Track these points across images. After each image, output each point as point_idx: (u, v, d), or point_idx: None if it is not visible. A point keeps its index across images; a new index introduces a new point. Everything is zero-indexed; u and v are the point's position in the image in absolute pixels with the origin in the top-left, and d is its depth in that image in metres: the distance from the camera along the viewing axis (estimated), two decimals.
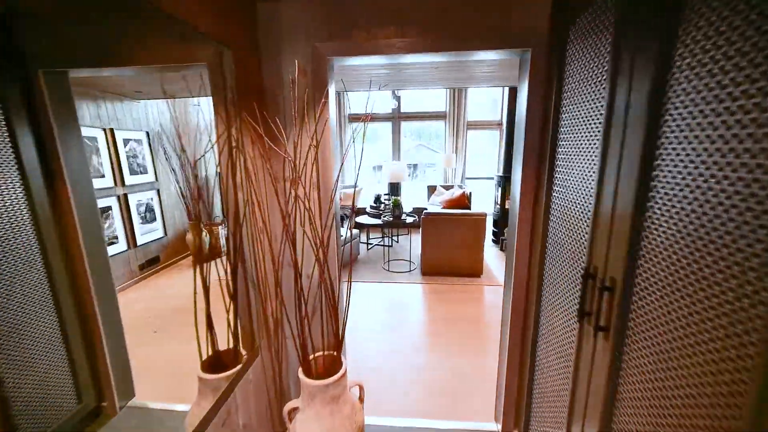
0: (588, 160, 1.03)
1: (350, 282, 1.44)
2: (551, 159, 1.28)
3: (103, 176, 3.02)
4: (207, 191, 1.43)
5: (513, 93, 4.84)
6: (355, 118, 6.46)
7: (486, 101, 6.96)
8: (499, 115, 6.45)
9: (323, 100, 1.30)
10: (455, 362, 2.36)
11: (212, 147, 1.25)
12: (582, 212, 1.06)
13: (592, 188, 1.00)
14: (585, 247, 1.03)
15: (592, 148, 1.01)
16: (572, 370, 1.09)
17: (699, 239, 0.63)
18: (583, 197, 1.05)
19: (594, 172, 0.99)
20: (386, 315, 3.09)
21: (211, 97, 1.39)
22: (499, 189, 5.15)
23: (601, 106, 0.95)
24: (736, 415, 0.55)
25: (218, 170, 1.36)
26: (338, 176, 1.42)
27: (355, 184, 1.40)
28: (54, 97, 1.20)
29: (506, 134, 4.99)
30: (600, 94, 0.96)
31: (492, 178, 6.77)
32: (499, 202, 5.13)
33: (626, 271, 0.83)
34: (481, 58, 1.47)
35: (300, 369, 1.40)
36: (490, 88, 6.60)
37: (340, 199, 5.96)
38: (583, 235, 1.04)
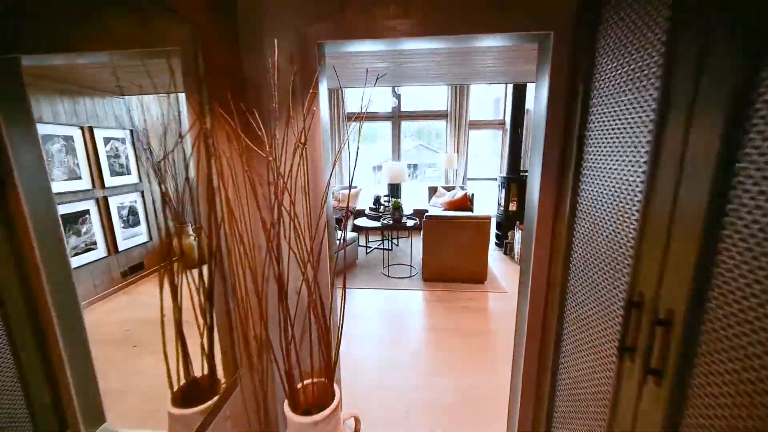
0: (630, 158, 0.84)
1: (344, 297, 1.25)
2: (577, 158, 1.10)
3: (79, 178, 2.76)
4: (190, 194, 1.26)
5: (518, 90, 4.66)
6: (356, 117, 6.28)
7: (486, 97, 6.79)
8: (502, 114, 6.27)
9: (311, 91, 1.12)
10: (461, 380, 2.17)
11: (178, 144, 1.07)
12: (621, 221, 0.88)
13: (636, 193, 0.82)
14: (626, 266, 0.85)
15: (635, 144, 0.82)
16: (608, 414, 0.90)
17: None
18: (623, 203, 0.87)
19: (640, 173, 0.80)
20: (385, 325, 2.91)
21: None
22: (503, 190, 4.97)
23: (650, 95, 0.77)
24: None
25: (186, 171, 1.18)
26: (329, 179, 1.24)
27: (350, 185, 1.22)
28: (3, 89, 1.02)
29: (510, 133, 4.81)
30: (648, 80, 0.78)
31: (494, 179, 6.59)
32: (502, 204, 4.95)
33: (692, 301, 0.65)
34: (492, 45, 1.29)
35: (285, 402, 1.22)
36: (491, 87, 6.42)
37: (338, 200, 5.78)
38: (624, 250, 0.86)
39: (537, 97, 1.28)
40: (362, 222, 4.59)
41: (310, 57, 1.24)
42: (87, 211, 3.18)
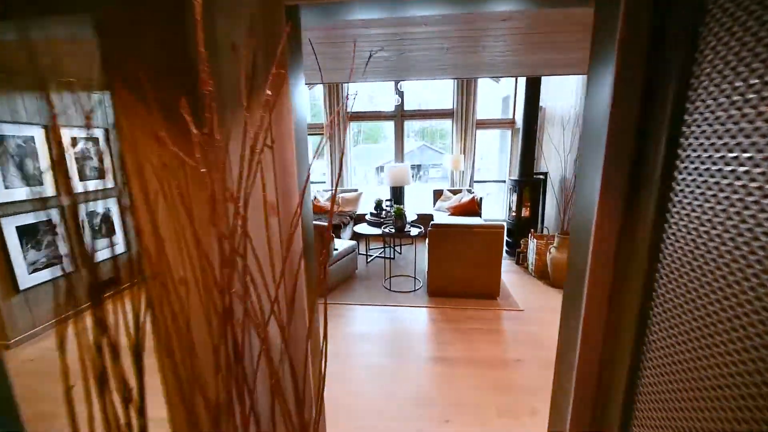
0: None
1: (325, 357, 0.90)
2: (665, 167, 0.74)
3: (40, 184, 2.33)
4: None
5: (532, 85, 4.29)
6: (356, 116, 5.93)
7: (493, 95, 6.45)
8: (511, 113, 5.90)
9: (274, 71, 0.77)
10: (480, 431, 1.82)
11: (70, 150, 0.72)
12: None
13: None
14: None
15: None
16: None
17: None
18: None
19: None
20: (383, 353, 2.56)
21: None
22: (514, 195, 4.60)
23: None
24: None
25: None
26: (304, 189, 0.89)
27: (335, 190, 0.88)
28: None
29: (523, 133, 4.44)
30: None
31: (503, 182, 6.23)
32: (514, 210, 4.58)
33: None
34: (522, 8, 0.94)
35: None
36: (498, 85, 6.06)
37: (338, 205, 5.44)
38: None
39: (592, 85, 0.92)
40: (362, 229, 4.24)
41: (275, 25, 0.89)
42: (49, 221, 2.77)
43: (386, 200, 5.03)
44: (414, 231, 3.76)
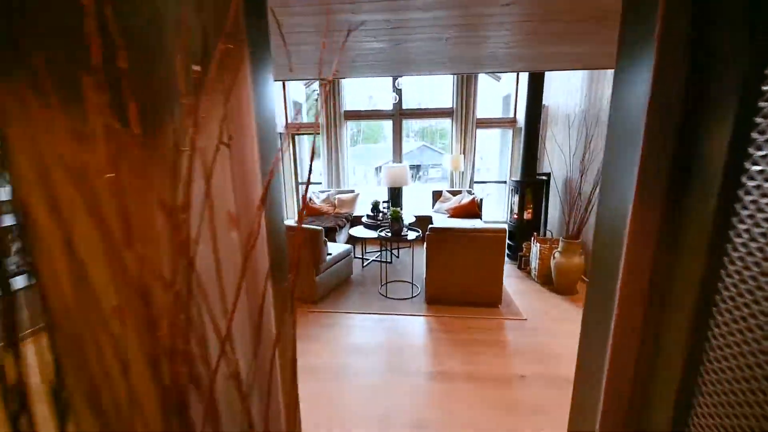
0: None
1: (297, 397, 0.73)
2: (730, 168, 0.57)
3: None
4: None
5: (535, 82, 4.12)
6: (354, 115, 5.75)
7: (494, 94, 6.29)
8: (512, 111, 5.73)
9: (220, 46, 0.60)
10: None
11: None
12: None
13: None
14: None
15: None
16: None
17: None
18: None
19: None
20: (377, 368, 2.38)
21: None
22: (515, 196, 4.43)
23: None
24: None
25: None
26: (263, 204, 0.72)
27: (304, 194, 0.70)
28: None
29: (525, 132, 4.27)
30: None
31: (503, 182, 6.06)
32: (516, 212, 4.41)
33: None
34: None
35: None
36: (499, 84, 5.90)
37: (334, 207, 5.26)
38: None
39: (622, 77, 0.75)
40: (358, 231, 4.07)
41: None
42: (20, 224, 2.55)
43: (383, 201, 4.86)
44: (411, 235, 3.59)
